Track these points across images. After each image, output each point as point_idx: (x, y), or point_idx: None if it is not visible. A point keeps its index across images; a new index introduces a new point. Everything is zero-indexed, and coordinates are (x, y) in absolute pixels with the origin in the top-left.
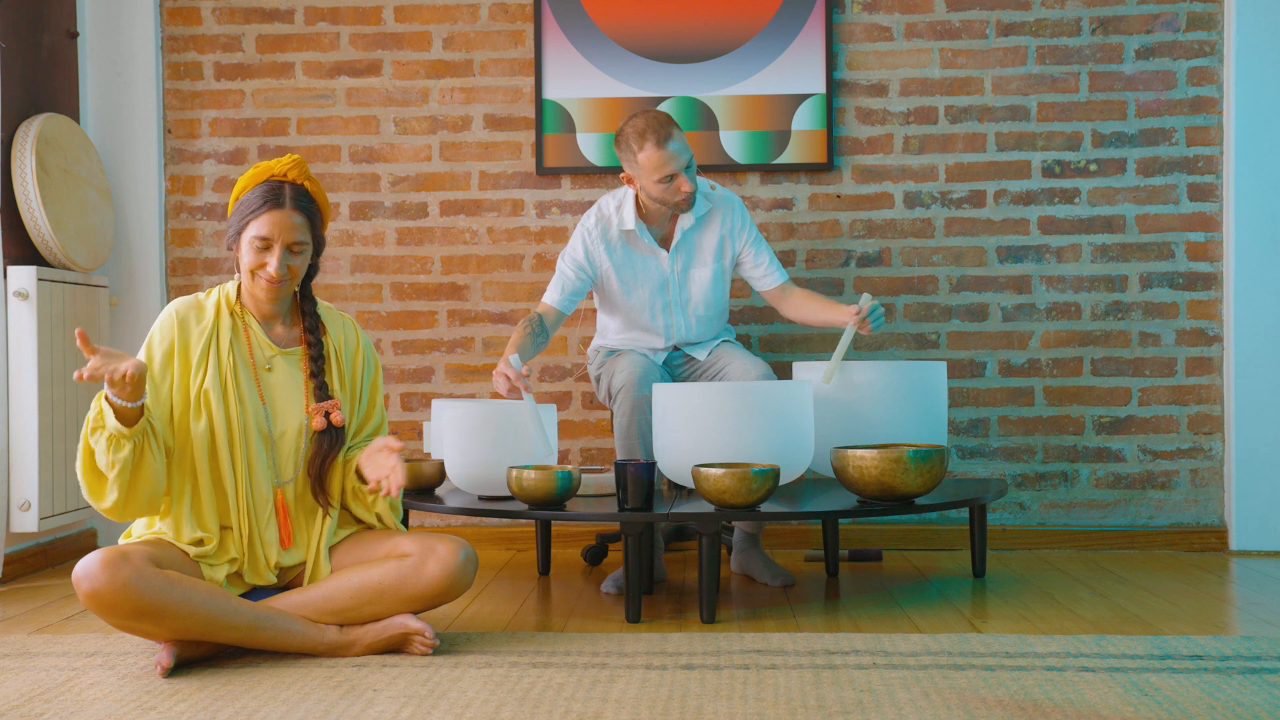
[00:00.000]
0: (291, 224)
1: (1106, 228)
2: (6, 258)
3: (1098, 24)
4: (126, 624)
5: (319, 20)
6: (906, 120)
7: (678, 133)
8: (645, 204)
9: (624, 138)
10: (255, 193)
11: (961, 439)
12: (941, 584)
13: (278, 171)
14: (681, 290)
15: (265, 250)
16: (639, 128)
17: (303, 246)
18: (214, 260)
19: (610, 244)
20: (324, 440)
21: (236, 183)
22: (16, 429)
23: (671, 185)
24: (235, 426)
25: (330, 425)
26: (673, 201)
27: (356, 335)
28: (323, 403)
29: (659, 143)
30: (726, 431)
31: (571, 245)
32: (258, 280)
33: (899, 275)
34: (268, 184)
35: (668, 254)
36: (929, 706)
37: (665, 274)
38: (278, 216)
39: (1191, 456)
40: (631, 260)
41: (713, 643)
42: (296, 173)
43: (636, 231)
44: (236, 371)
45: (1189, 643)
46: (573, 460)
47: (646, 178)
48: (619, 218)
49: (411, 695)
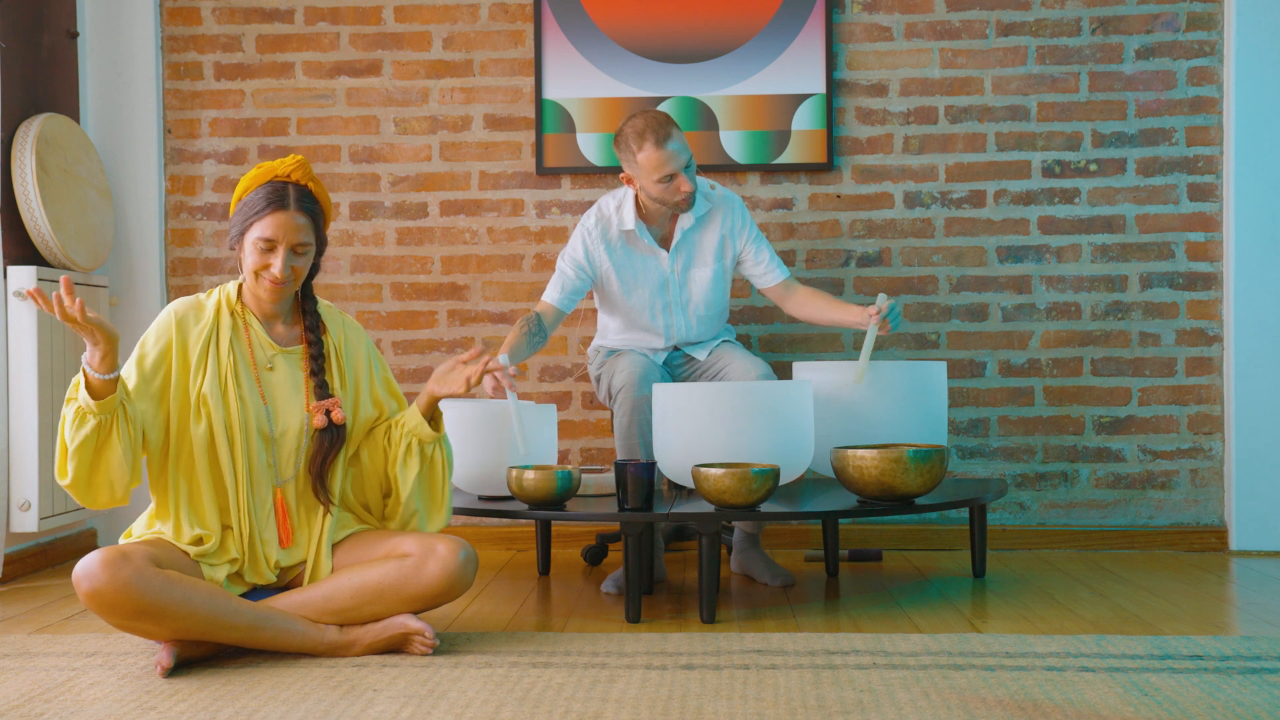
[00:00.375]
0: (295, 225)
1: (1106, 228)
2: (6, 258)
3: (1098, 24)
4: (127, 623)
5: (319, 20)
6: (906, 120)
7: (677, 132)
8: (645, 204)
9: (623, 138)
10: (259, 194)
11: (961, 439)
12: (941, 584)
13: (281, 172)
14: (682, 290)
15: (269, 251)
16: (638, 128)
17: (306, 248)
18: (214, 260)
19: (610, 244)
20: (325, 438)
21: (239, 183)
22: (16, 429)
23: (671, 185)
24: (236, 426)
25: (331, 423)
26: (672, 201)
27: (359, 335)
28: (323, 400)
29: (658, 142)
30: (726, 431)
31: (571, 245)
32: (261, 281)
33: (899, 275)
34: (271, 185)
35: (668, 254)
36: (929, 706)
37: (665, 274)
38: (282, 218)
39: (1191, 456)
40: (631, 260)
41: (713, 643)
42: (300, 173)
43: (636, 231)
44: (237, 371)
45: (1189, 643)
46: (573, 460)
47: (646, 178)
48: (619, 218)
49: (411, 695)
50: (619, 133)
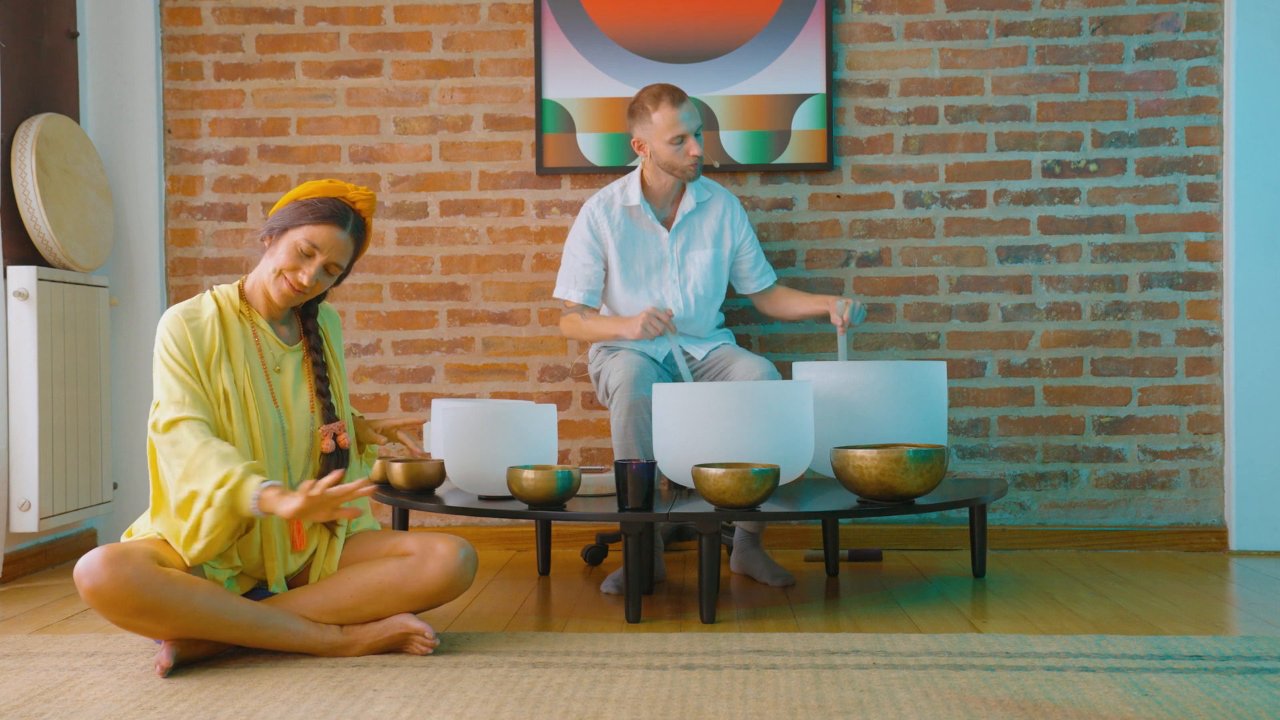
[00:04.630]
0: (341, 245)
1: (1106, 228)
2: (6, 258)
3: (1098, 24)
4: (127, 621)
5: (319, 20)
6: (906, 120)
7: (690, 101)
8: (650, 182)
9: (639, 101)
10: (324, 202)
11: (961, 439)
12: (941, 584)
13: (351, 196)
14: (681, 270)
15: (307, 257)
16: (654, 91)
17: (337, 269)
18: (214, 260)
19: (613, 220)
20: (330, 462)
21: (303, 184)
22: (16, 429)
23: (681, 148)
24: (257, 434)
25: (337, 448)
26: (681, 165)
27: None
28: (330, 425)
29: (674, 103)
30: (726, 431)
31: (576, 230)
32: (280, 282)
33: (899, 275)
34: (338, 202)
35: (669, 234)
36: (929, 706)
37: (665, 252)
38: (334, 233)
39: (1191, 456)
40: (633, 235)
41: (713, 643)
42: (365, 207)
43: (641, 207)
44: (253, 378)
45: (1189, 643)
46: (573, 460)
47: (658, 138)
48: (624, 195)
49: (411, 695)
50: (635, 99)
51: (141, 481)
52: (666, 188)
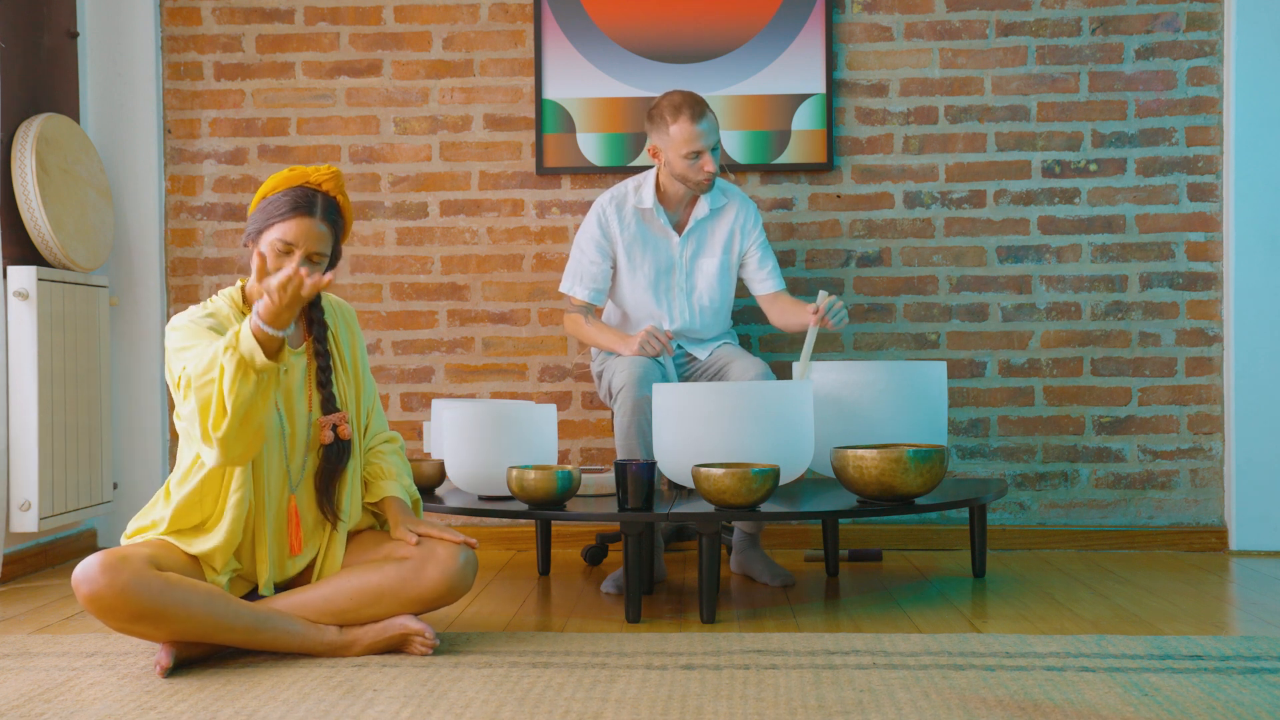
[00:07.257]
0: (317, 233)
1: (1106, 228)
2: (6, 258)
3: (1098, 24)
4: (126, 626)
5: (319, 20)
6: (906, 120)
7: (710, 114)
8: (665, 186)
9: (659, 109)
10: (286, 195)
11: (961, 439)
12: (941, 584)
13: (314, 179)
14: (689, 277)
15: (286, 255)
16: (675, 101)
17: (321, 257)
18: (214, 260)
19: (624, 219)
20: (331, 454)
21: (267, 180)
22: (16, 429)
23: (696, 163)
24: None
25: (337, 438)
26: (694, 180)
27: (350, 315)
28: (330, 415)
29: (693, 118)
30: (726, 431)
31: (586, 227)
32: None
33: (899, 275)
34: (301, 190)
35: (679, 239)
36: (929, 706)
37: (674, 258)
38: (305, 224)
39: (1191, 456)
40: (643, 238)
41: (713, 643)
42: (331, 185)
43: (653, 210)
44: None
45: (1189, 643)
46: (573, 460)
47: (674, 151)
48: (637, 196)
49: (411, 695)
50: (654, 105)
51: (142, 482)
52: (680, 193)
